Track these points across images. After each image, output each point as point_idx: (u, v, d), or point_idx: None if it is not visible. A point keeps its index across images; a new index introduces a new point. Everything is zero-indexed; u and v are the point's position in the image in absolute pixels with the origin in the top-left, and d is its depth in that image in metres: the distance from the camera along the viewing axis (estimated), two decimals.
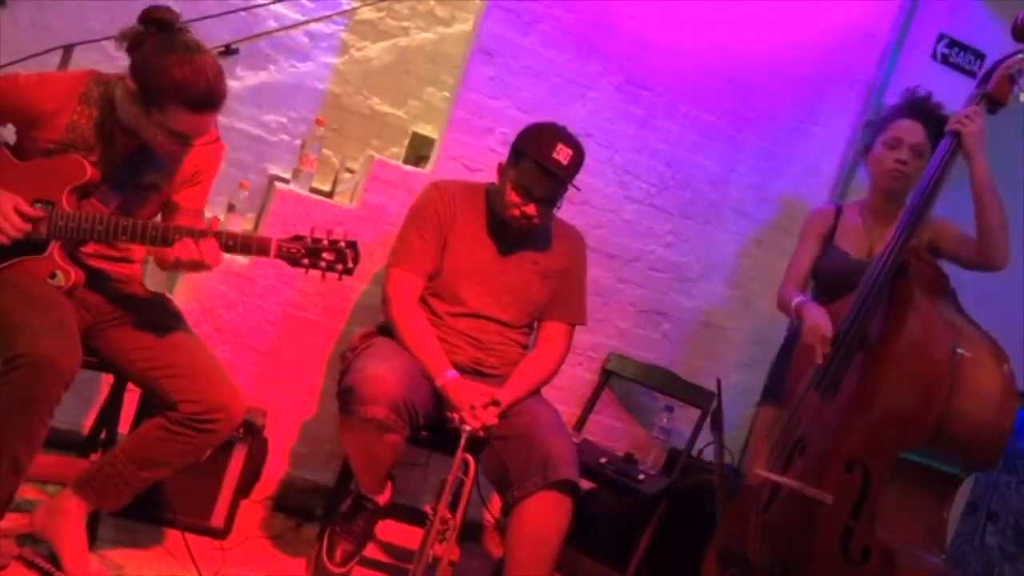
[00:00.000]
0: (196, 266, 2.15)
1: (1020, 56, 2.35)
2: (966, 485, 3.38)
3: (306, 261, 2.17)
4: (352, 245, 2.20)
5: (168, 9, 2.13)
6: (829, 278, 2.70)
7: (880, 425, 2.27)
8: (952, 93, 2.64)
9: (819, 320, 2.44)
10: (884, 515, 2.21)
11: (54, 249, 2.17)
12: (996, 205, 2.43)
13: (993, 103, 2.39)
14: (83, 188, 2.17)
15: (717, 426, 2.50)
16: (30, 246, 2.15)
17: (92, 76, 2.22)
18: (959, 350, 2.19)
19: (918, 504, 2.25)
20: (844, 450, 2.31)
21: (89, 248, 2.27)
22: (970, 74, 3.61)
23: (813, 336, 2.42)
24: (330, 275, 2.19)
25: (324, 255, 2.17)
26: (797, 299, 2.63)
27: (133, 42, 2.12)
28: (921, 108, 2.62)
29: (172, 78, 2.06)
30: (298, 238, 2.17)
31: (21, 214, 2.10)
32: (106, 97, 2.19)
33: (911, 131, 2.58)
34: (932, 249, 2.61)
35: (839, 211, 2.80)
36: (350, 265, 2.19)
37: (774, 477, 2.41)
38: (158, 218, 2.36)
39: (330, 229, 2.20)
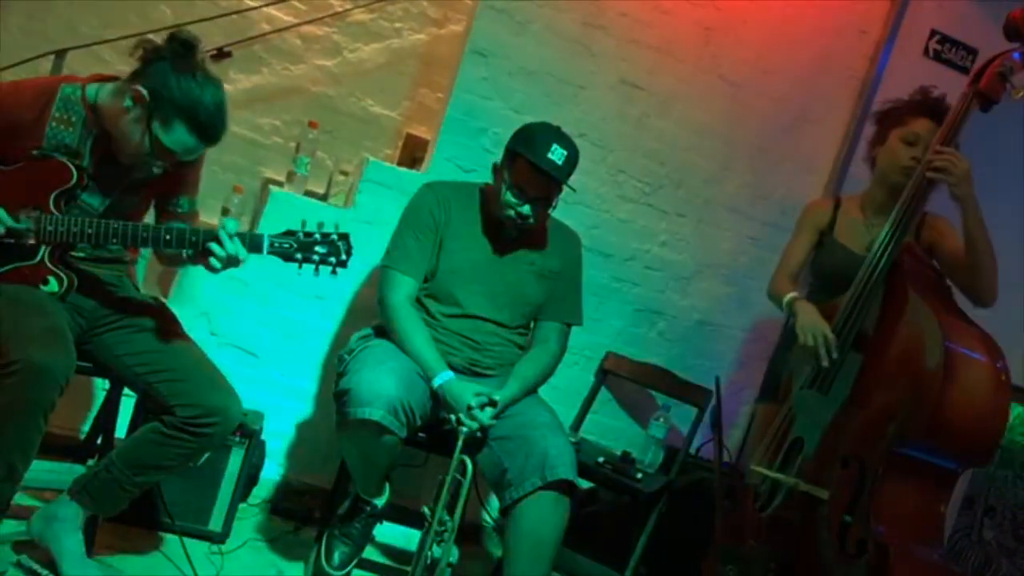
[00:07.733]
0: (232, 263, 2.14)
1: (1011, 54, 2.36)
2: (963, 479, 3.39)
3: (299, 256, 2.17)
4: (344, 237, 2.21)
5: (195, 36, 2.13)
6: (829, 273, 2.69)
7: (876, 421, 2.27)
8: (944, 89, 2.65)
9: (817, 321, 2.43)
10: (880, 510, 2.21)
11: (44, 254, 2.16)
12: (989, 253, 2.41)
13: (986, 101, 2.39)
14: (69, 192, 2.16)
15: (716, 424, 2.50)
16: (20, 252, 2.14)
17: (65, 80, 2.22)
18: (952, 345, 2.20)
19: (915, 499, 2.25)
20: (840, 446, 2.31)
21: (80, 252, 2.27)
22: (962, 70, 3.61)
23: (816, 338, 2.39)
24: (324, 269, 2.19)
25: (317, 248, 2.18)
26: (789, 295, 2.62)
27: (153, 53, 2.11)
28: (939, 110, 2.58)
29: (190, 98, 2.07)
30: (290, 233, 2.18)
31: (3, 224, 2.09)
32: (84, 100, 2.18)
33: (932, 132, 2.51)
34: (929, 251, 2.60)
35: (837, 204, 2.79)
36: (343, 257, 2.20)
37: (770, 474, 2.41)
38: (150, 217, 2.36)
39: (321, 223, 2.20)
